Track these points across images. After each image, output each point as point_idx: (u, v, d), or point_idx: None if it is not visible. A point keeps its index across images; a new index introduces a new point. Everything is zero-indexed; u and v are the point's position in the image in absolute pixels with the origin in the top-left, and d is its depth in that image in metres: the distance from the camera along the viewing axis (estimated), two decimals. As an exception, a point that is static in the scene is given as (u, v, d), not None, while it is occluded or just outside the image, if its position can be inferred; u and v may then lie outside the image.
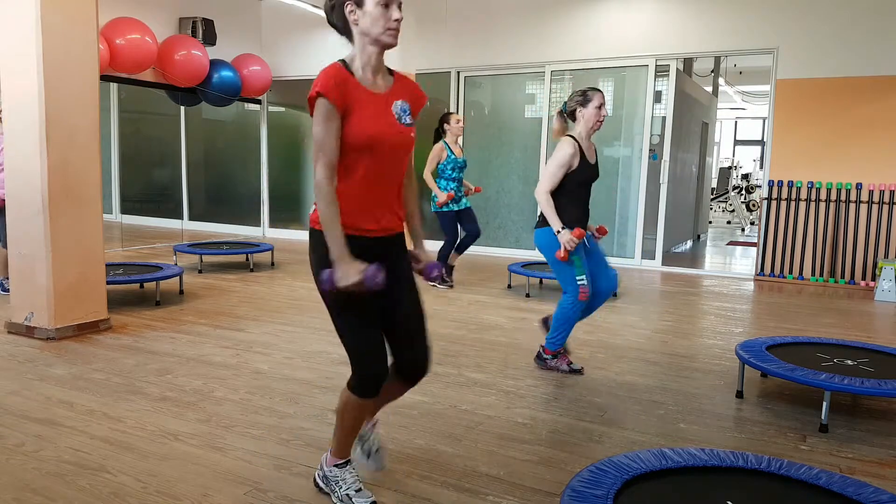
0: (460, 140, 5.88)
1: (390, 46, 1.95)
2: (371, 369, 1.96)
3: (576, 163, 3.37)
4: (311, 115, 1.90)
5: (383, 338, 2.01)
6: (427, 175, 5.69)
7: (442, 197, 5.63)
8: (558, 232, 3.34)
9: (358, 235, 1.92)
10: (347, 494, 2.08)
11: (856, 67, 6.38)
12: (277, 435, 2.64)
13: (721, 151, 18.72)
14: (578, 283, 3.40)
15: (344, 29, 1.97)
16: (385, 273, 1.84)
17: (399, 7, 1.94)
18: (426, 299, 2.16)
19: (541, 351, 3.63)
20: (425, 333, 2.11)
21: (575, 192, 3.43)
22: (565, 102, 3.52)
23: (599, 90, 3.45)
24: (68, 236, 3.99)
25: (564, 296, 3.47)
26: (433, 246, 6.52)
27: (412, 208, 2.16)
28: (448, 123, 5.71)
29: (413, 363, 2.09)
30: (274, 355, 3.76)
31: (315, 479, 2.21)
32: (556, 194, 3.40)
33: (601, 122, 3.42)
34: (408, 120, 1.99)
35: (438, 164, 5.68)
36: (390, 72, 2.04)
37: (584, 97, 3.41)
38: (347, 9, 1.91)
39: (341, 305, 1.93)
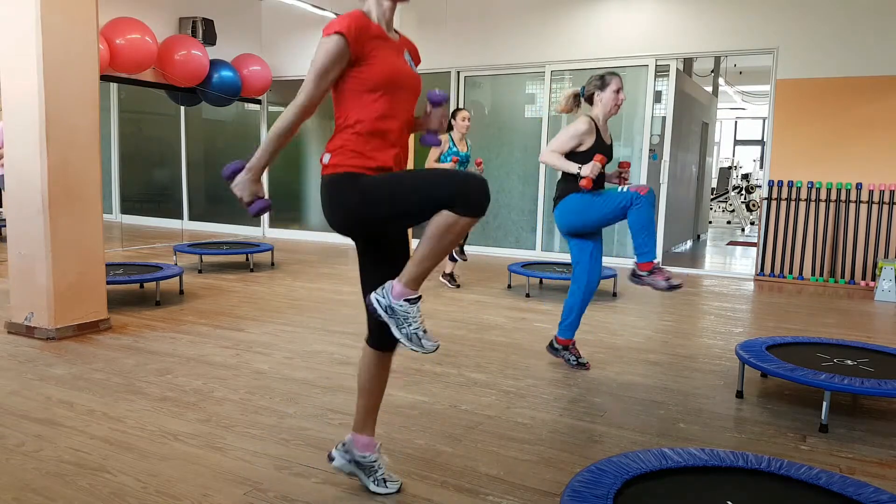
0: (467, 139, 5.92)
1: (404, 1, 2.02)
2: (473, 186, 1.88)
3: (589, 141, 3.40)
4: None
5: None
6: (429, 163, 5.71)
7: (449, 166, 5.66)
8: (579, 170, 3.33)
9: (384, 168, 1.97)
10: (416, 334, 1.92)
11: (856, 67, 6.38)
12: (277, 435, 2.64)
13: (721, 151, 18.73)
14: (626, 189, 3.27)
15: None
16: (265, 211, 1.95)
17: None
18: (427, 299, 2.16)
19: (553, 340, 3.69)
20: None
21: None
22: (583, 86, 3.54)
23: (617, 74, 3.48)
24: (68, 236, 3.99)
25: (574, 281, 3.57)
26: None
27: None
28: (455, 119, 5.77)
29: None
30: (274, 355, 3.76)
31: (373, 303, 1.96)
32: (573, 175, 3.40)
33: (619, 105, 3.46)
34: (415, 68, 2.12)
35: (441, 154, 5.71)
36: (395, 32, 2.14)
37: (602, 81, 3.46)
38: None
39: (389, 186, 1.92)
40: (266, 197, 1.95)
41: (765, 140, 11.05)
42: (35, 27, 3.75)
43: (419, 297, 1.94)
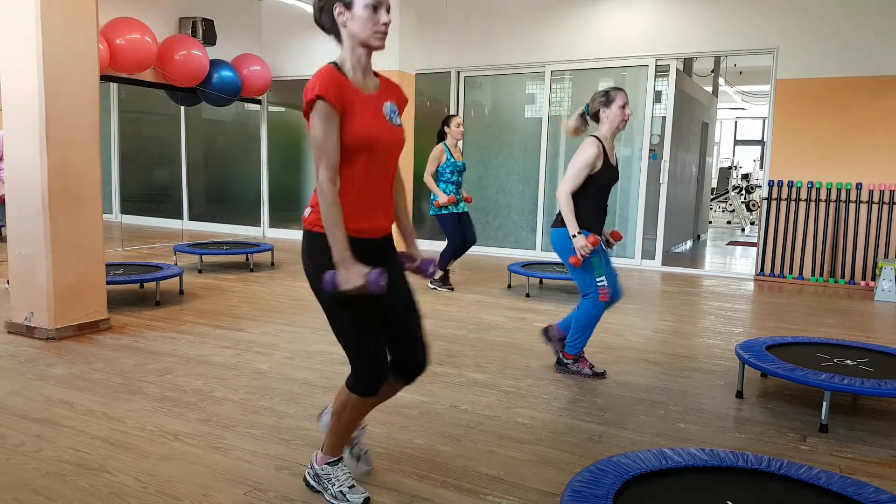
0: (460, 144, 5.85)
1: (378, 49, 1.96)
2: (371, 368, 1.98)
3: (599, 164, 3.32)
4: (307, 117, 1.90)
5: (382, 336, 2.04)
6: (427, 177, 5.68)
7: (443, 198, 5.60)
8: (574, 236, 3.29)
9: (354, 237, 1.92)
10: (341, 491, 2.10)
11: (856, 67, 6.38)
12: (277, 435, 2.64)
13: (721, 151, 18.73)
14: (598, 284, 3.37)
15: (332, 30, 1.98)
16: (385, 276, 1.86)
17: (387, 10, 1.94)
18: (426, 301, 2.17)
19: (560, 356, 3.58)
20: (422, 332, 2.13)
21: (595, 195, 3.38)
22: (587, 104, 3.46)
23: (622, 89, 3.40)
24: (68, 236, 3.99)
25: (583, 299, 3.44)
26: (430, 245, 6.52)
27: (402, 207, 2.18)
28: (448, 126, 5.70)
29: (411, 362, 2.11)
30: (274, 355, 3.76)
31: (306, 478, 2.21)
32: (575, 196, 3.33)
33: (626, 121, 3.38)
34: (398, 121, 2.04)
35: (438, 166, 5.68)
36: (375, 73, 2.06)
37: (606, 97, 3.37)
38: (336, 10, 1.92)
39: (339, 305, 1.94)
40: (371, 269, 1.84)
41: (765, 140, 11.05)
42: (35, 27, 3.75)
43: (339, 459, 2.15)
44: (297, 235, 9.57)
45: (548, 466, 2.41)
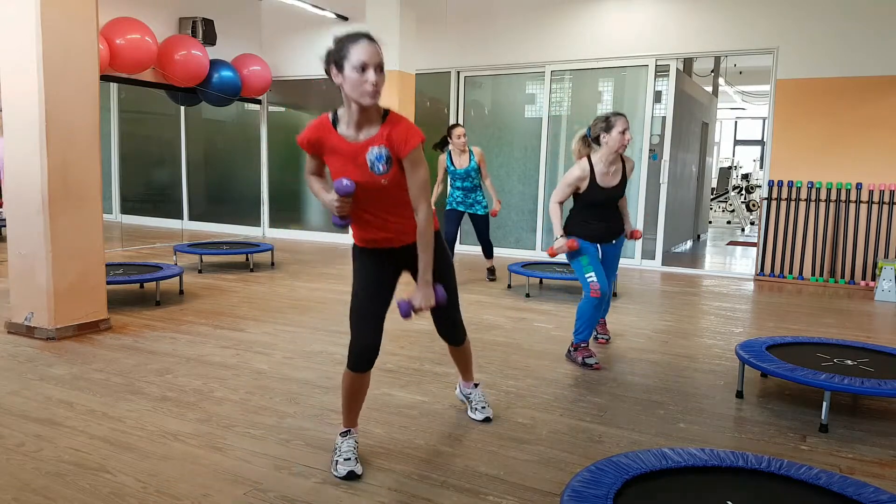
0: (470, 149, 5.98)
1: (368, 106, 2.12)
2: (356, 347, 2.29)
3: (584, 186, 3.65)
4: None
5: (381, 316, 2.34)
6: (439, 187, 6.11)
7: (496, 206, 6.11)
8: (556, 238, 3.67)
9: (368, 247, 2.36)
10: (336, 461, 2.32)
11: (856, 67, 6.38)
12: (277, 435, 2.64)
13: (721, 151, 18.72)
14: (588, 280, 3.64)
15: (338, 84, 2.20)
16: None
17: (376, 69, 2.07)
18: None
19: (570, 346, 3.81)
20: (452, 322, 2.61)
21: (584, 210, 3.71)
22: (589, 127, 3.68)
23: (623, 115, 3.63)
24: (68, 236, 3.99)
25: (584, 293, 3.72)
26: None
27: (422, 257, 2.28)
28: (450, 137, 5.97)
29: (445, 335, 2.67)
30: (274, 355, 3.76)
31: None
32: (578, 207, 3.73)
33: (625, 146, 3.61)
34: (380, 168, 2.18)
35: (445, 170, 6.04)
36: (385, 117, 2.19)
37: (607, 123, 3.59)
38: (332, 72, 2.13)
39: (353, 292, 2.34)
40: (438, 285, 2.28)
41: (765, 140, 11.05)
42: (35, 27, 3.75)
43: (348, 431, 2.40)
44: (297, 235, 9.58)
45: (548, 466, 2.41)
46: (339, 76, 2.10)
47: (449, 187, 6.19)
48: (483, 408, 2.85)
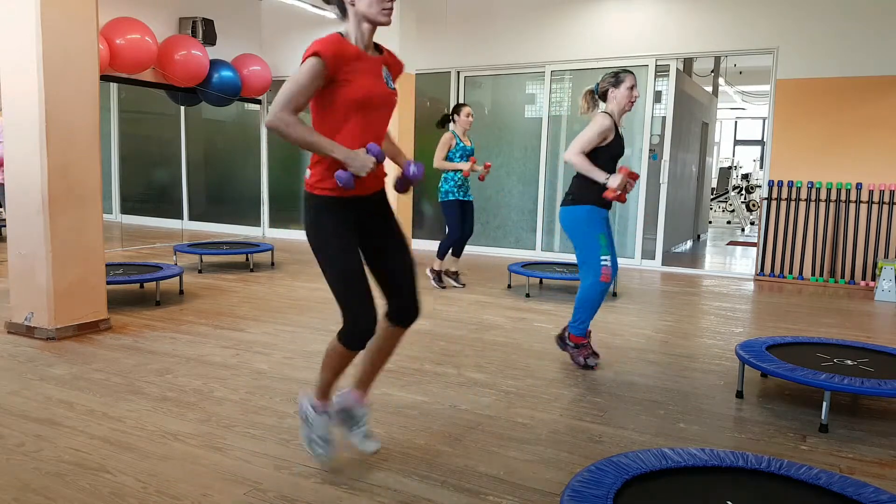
0: (468, 134, 5.93)
1: (385, 24, 2.12)
2: (360, 322, 2.15)
3: (611, 136, 3.47)
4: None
5: (371, 292, 2.17)
6: (438, 162, 5.72)
7: (464, 166, 5.67)
8: (607, 179, 3.36)
9: (348, 196, 2.14)
10: (312, 438, 2.31)
11: (856, 67, 6.38)
12: (277, 435, 2.64)
13: (721, 151, 18.72)
14: (601, 262, 3.47)
15: (340, 6, 2.14)
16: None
17: None
18: (427, 300, 2.19)
19: (565, 335, 3.68)
20: (414, 282, 2.31)
21: (608, 166, 3.48)
22: (597, 83, 3.59)
23: (631, 72, 3.54)
24: (68, 236, 3.98)
25: (584, 280, 3.56)
26: (432, 246, 6.52)
27: (391, 141, 2.39)
28: (458, 115, 5.76)
29: (403, 309, 2.30)
30: (274, 355, 3.76)
31: (300, 402, 2.39)
32: (591, 181, 3.45)
33: (633, 102, 3.52)
34: (392, 84, 2.23)
35: (448, 150, 5.71)
36: (375, 45, 2.23)
37: (616, 78, 3.52)
38: None
39: (332, 259, 2.14)
40: (366, 147, 2.08)
41: (765, 140, 11.05)
42: (35, 27, 3.75)
43: (326, 413, 2.33)
44: (296, 235, 9.57)
45: (548, 466, 2.41)
46: None
47: (444, 174, 5.78)
48: (372, 436, 2.43)
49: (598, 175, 3.38)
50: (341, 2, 2.12)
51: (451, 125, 5.79)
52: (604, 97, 3.57)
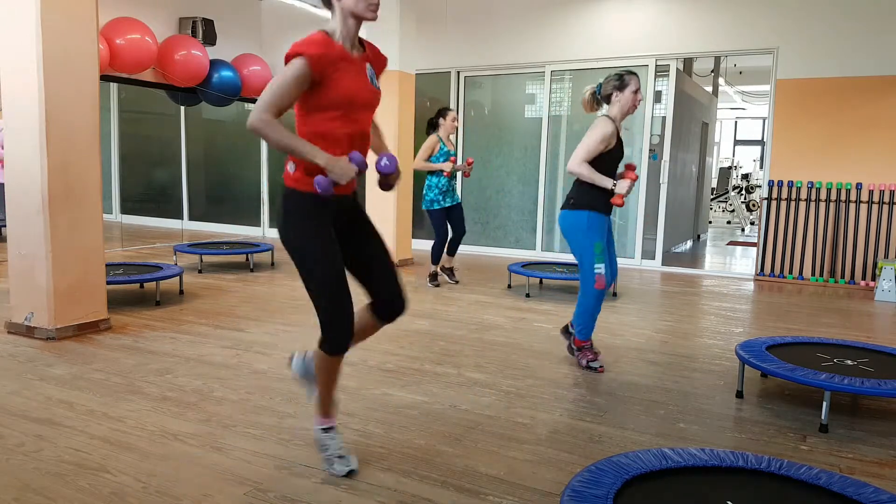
0: (452, 137, 5.96)
1: (371, 20, 2.14)
2: (335, 330, 2.16)
3: (613, 142, 3.46)
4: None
5: (350, 296, 2.17)
6: (419, 163, 5.77)
7: (446, 166, 5.68)
8: (614, 186, 3.38)
9: (327, 200, 2.13)
10: (329, 458, 2.31)
11: (856, 67, 6.38)
12: (277, 435, 2.64)
13: (721, 151, 18.72)
14: (595, 270, 3.47)
15: (327, 2, 2.16)
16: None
17: None
18: (427, 300, 2.20)
19: (571, 343, 3.72)
20: (395, 276, 2.33)
21: (608, 171, 3.48)
22: (600, 84, 3.55)
23: (635, 74, 3.51)
24: (68, 236, 3.98)
25: (581, 285, 3.57)
26: (424, 245, 6.51)
27: (377, 132, 2.43)
28: (444, 118, 5.79)
29: (388, 304, 2.32)
30: (274, 355, 3.76)
31: (314, 436, 2.38)
32: (595, 186, 3.46)
33: (636, 106, 3.50)
34: (377, 83, 2.25)
35: (431, 155, 5.75)
36: (360, 42, 2.24)
37: (620, 81, 3.48)
38: None
39: (315, 256, 2.13)
40: (348, 156, 2.08)
41: (765, 140, 11.05)
42: (35, 27, 3.75)
43: (331, 427, 2.34)
44: (297, 235, 9.57)
45: (548, 466, 2.41)
46: None
47: (427, 182, 5.80)
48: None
49: (605, 182, 3.38)
50: None
51: (438, 129, 5.82)
52: (607, 100, 3.53)
